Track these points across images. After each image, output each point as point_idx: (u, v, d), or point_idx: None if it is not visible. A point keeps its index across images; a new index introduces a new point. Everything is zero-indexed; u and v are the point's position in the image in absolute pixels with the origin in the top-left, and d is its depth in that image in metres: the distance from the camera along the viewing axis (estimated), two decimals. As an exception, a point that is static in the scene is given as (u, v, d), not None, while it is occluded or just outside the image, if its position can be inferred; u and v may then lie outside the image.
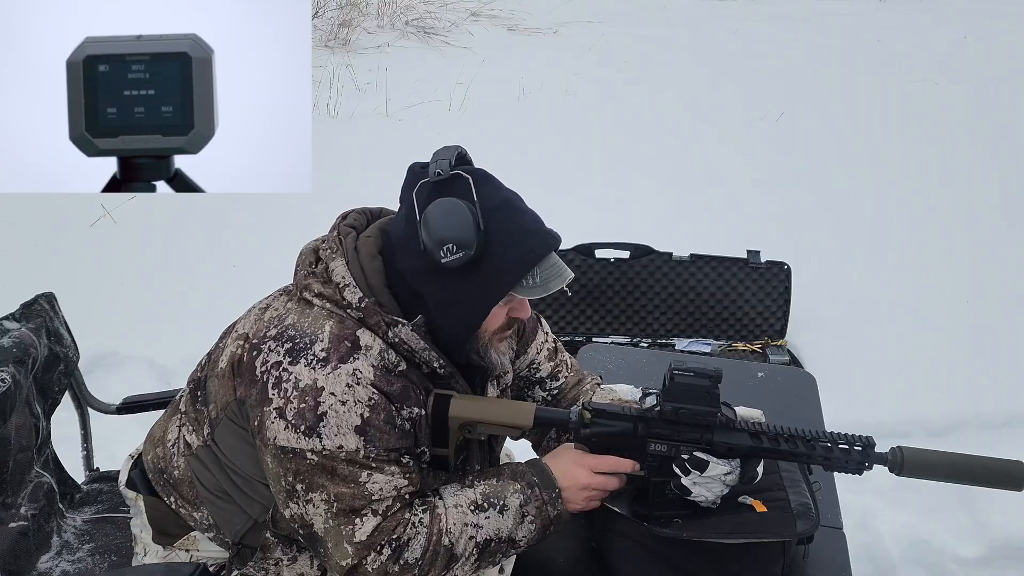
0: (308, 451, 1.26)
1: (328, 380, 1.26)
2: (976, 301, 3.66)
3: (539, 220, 1.34)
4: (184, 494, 1.47)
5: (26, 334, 1.71)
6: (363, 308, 1.31)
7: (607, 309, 3.30)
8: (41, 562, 1.71)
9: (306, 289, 1.34)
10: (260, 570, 1.47)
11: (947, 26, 7.64)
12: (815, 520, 1.35)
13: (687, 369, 1.33)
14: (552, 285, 1.32)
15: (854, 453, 1.32)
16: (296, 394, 1.26)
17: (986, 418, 2.96)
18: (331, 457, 1.26)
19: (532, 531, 1.35)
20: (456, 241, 1.24)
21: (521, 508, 1.34)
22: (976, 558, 2.44)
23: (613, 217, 4.12)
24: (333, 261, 1.34)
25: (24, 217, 4.02)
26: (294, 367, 1.27)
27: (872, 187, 4.70)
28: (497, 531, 1.33)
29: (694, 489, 1.35)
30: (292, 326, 1.32)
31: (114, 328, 3.23)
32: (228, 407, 1.37)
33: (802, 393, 1.93)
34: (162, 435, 1.51)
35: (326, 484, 1.27)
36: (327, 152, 4.56)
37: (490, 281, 1.29)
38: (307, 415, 1.25)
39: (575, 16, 7.51)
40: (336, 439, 1.25)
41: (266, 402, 1.28)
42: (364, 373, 1.28)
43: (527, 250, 1.29)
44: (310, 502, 1.28)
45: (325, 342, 1.29)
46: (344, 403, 1.26)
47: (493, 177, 1.33)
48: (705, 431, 1.34)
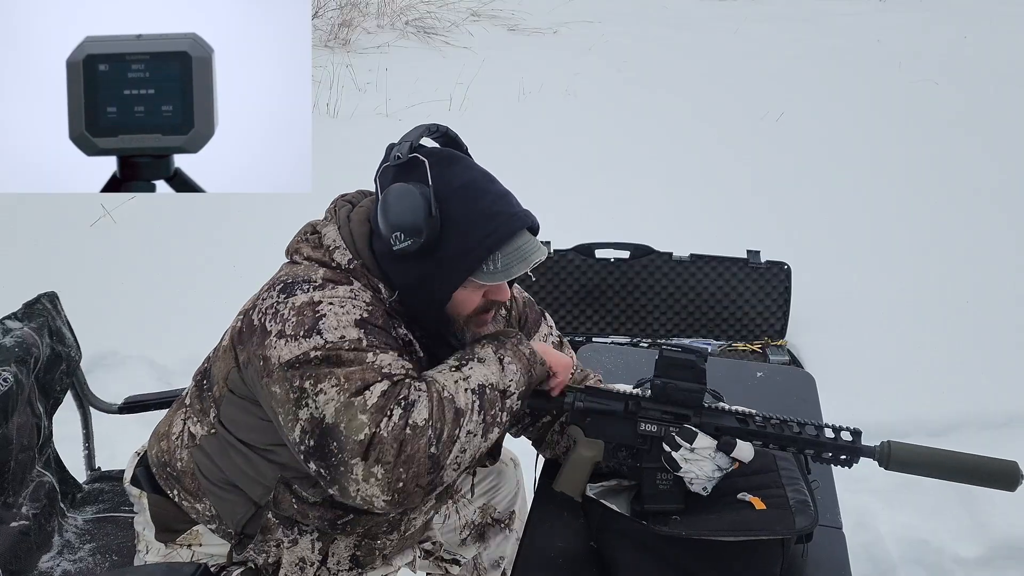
0: (311, 350, 1.23)
1: (324, 295, 1.27)
2: (976, 301, 3.66)
3: (507, 202, 1.31)
4: (187, 486, 1.47)
5: (28, 334, 1.71)
6: (351, 269, 1.33)
7: (607, 309, 3.30)
8: (42, 561, 1.71)
9: (296, 252, 1.38)
10: (261, 552, 1.47)
11: (947, 26, 7.64)
12: (814, 517, 1.35)
13: (676, 345, 1.38)
14: (515, 270, 1.30)
15: (840, 441, 1.34)
16: (293, 312, 1.26)
17: (986, 418, 2.96)
18: (335, 347, 1.23)
19: (516, 372, 1.33)
20: (405, 228, 1.24)
21: (496, 354, 1.33)
22: (976, 558, 2.44)
23: (613, 217, 4.13)
24: (325, 227, 1.37)
25: (24, 217, 4.02)
26: (290, 298, 1.27)
27: (872, 187, 4.70)
28: (485, 377, 1.30)
29: (684, 465, 1.35)
30: (285, 274, 1.34)
31: (114, 328, 3.24)
32: (229, 377, 1.37)
33: (802, 393, 1.93)
34: (167, 429, 1.52)
35: (334, 371, 1.23)
36: (327, 152, 4.55)
37: (447, 267, 1.29)
38: (306, 323, 1.24)
39: (575, 16, 7.52)
40: (337, 332, 1.24)
41: (266, 335, 1.27)
42: (361, 294, 1.30)
43: (485, 235, 1.28)
44: (320, 392, 1.22)
45: (320, 280, 1.30)
46: (343, 306, 1.27)
47: (459, 158, 1.32)
48: (693, 411, 1.37)
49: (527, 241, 1.32)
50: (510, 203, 1.32)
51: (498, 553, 1.80)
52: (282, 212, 4.12)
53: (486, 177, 1.33)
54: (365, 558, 1.54)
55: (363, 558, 1.54)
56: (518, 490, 1.82)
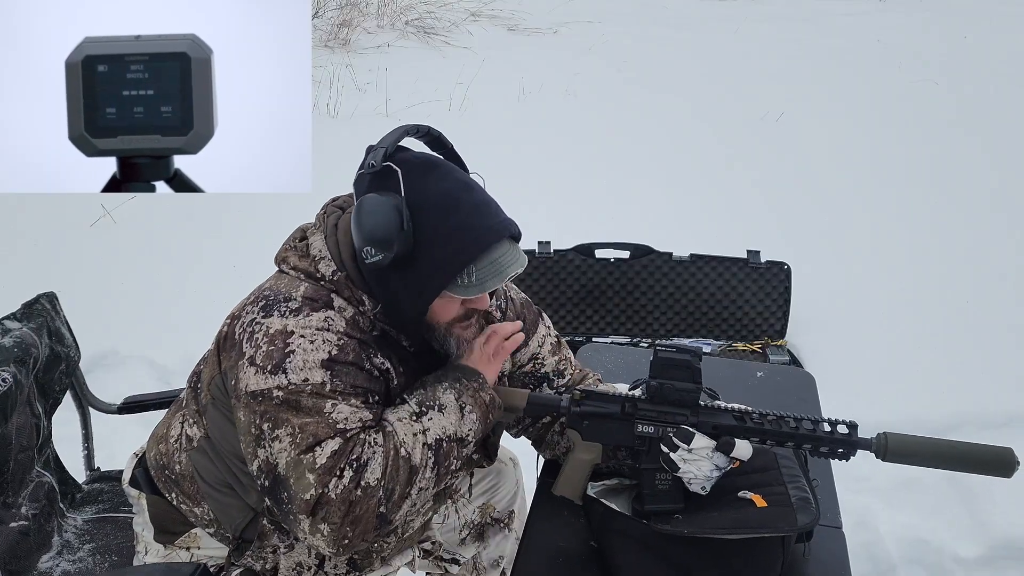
0: (275, 388, 1.24)
1: (298, 324, 1.27)
2: (976, 301, 3.66)
3: (483, 213, 1.27)
4: (185, 490, 1.47)
5: (27, 334, 1.71)
6: (335, 281, 1.33)
7: (607, 309, 3.30)
8: (42, 562, 1.71)
9: (283, 261, 1.38)
10: (258, 559, 1.47)
11: (947, 26, 7.64)
12: (815, 514, 1.35)
13: (670, 345, 1.38)
14: (489, 284, 1.28)
15: (837, 434, 1.34)
16: (266, 340, 1.26)
17: (986, 418, 2.96)
18: (297, 391, 1.24)
19: (475, 421, 1.34)
20: (376, 243, 1.23)
21: (457, 401, 1.33)
22: (976, 558, 2.44)
23: (613, 217, 4.13)
24: (313, 236, 1.37)
25: (24, 217, 4.02)
26: (267, 319, 1.28)
27: (872, 187, 4.70)
28: (443, 429, 1.31)
29: (683, 465, 1.35)
30: (268, 288, 1.34)
31: (114, 328, 3.24)
32: (212, 383, 1.38)
33: (802, 393, 1.93)
34: (165, 432, 1.51)
35: (290, 418, 1.23)
36: (327, 152, 4.54)
37: (420, 281, 1.27)
38: (275, 356, 1.25)
39: (575, 16, 7.52)
40: (302, 373, 1.24)
41: (240, 356, 1.28)
42: (335, 322, 1.29)
43: (459, 249, 1.25)
44: (275, 439, 1.24)
45: (299, 300, 1.30)
46: (312, 342, 1.26)
47: (436, 166, 1.29)
48: (690, 410, 1.37)
49: (504, 253, 1.28)
50: (486, 214, 1.28)
51: (497, 553, 1.80)
52: (282, 212, 4.11)
53: (463, 186, 1.29)
54: (363, 561, 1.54)
55: (360, 561, 1.54)
56: (517, 490, 1.82)
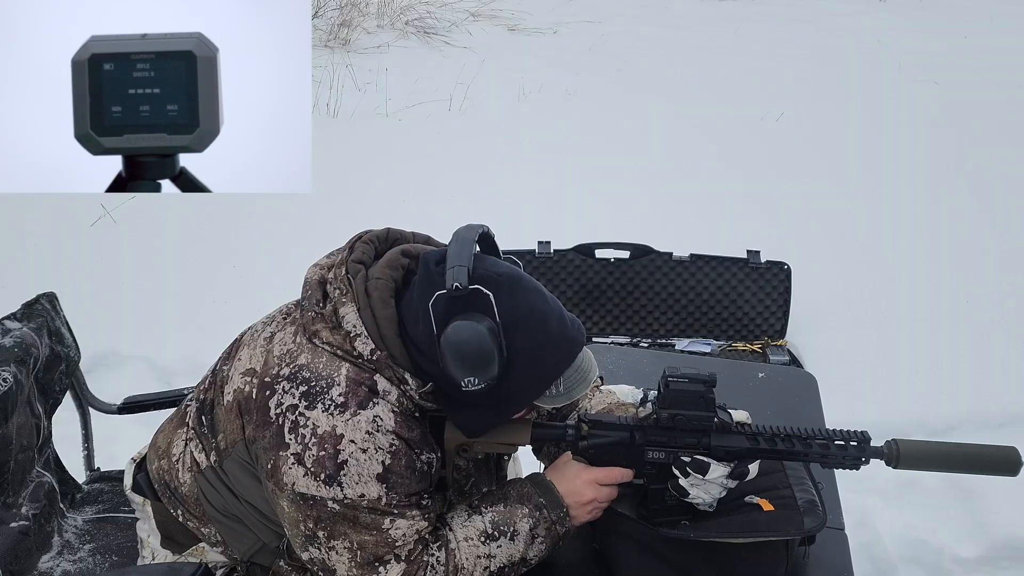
0: (329, 499, 1.23)
1: (348, 427, 1.22)
2: (976, 301, 3.66)
3: (564, 322, 1.26)
4: (191, 509, 1.44)
5: (27, 334, 1.71)
6: (375, 361, 1.26)
7: (607, 309, 3.30)
8: (42, 562, 1.71)
9: (315, 335, 1.29)
10: None
11: (947, 26, 7.64)
12: (822, 517, 1.34)
13: (681, 376, 1.32)
14: (575, 392, 1.28)
15: (850, 449, 1.33)
16: (315, 441, 1.22)
17: (986, 418, 2.96)
18: (353, 506, 1.23)
19: (543, 550, 1.36)
20: (479, 375, 1.19)
21: (531, 531, 1.33)
22: (976, 558, 2.44)
23: (613, 217, 4.12)
24: (343, 307, 1.28)
25: (25, 217, 4.02)
26: (311, 412, 1.23)
27: (872, 187, 4.70)
28: (510, 557, 1.33)
29: (692, 491, 1.34)
30: (306, 367, 1.27)
31: (114, 328, 3.23)
32: (236, 445, 1.34)
33: (802, 393, 1.93)
34: (167, 446, 1.47)
35: (348, 532, 1.25)
36: (327, 152, 4.56)
37: (511, 396, 1.26)
38: (327, 463, 1.22)
39: (575, 16, 7.52)
40: (358, 488, 1.23)
41: (282, 447, 1.24)
42: (384, 420, 1.24)
43: (552, 365, 1.25)
44: (332, 549, 1.26)
45: (343, 386, 1.24)
46: (365, 451, 1.22)
47: (518, 279, 1.25)
48: (702, 436, 1.33)
49: (584, 359, 1.28)
50: (565, 323, 1.26)
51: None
52: (282, 212, 4.14)
53: (541, 297, 1.26)
54: None
55: None
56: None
